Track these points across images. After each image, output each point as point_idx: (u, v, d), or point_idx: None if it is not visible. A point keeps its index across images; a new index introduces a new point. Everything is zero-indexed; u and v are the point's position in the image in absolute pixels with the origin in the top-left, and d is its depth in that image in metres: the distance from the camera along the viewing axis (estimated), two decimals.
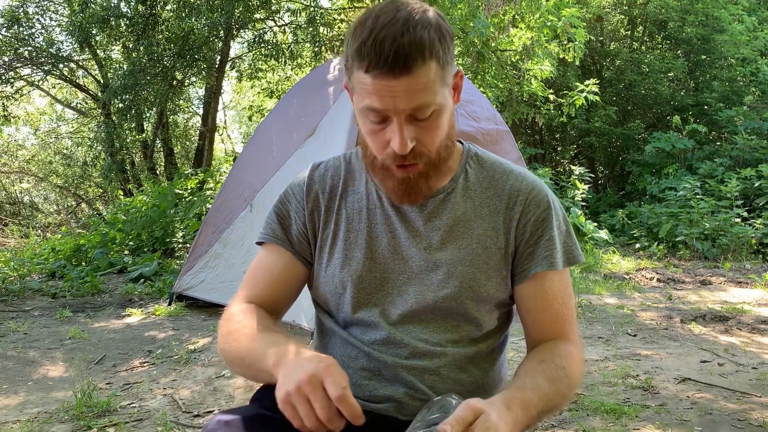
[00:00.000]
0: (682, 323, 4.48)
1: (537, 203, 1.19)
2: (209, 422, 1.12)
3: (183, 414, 2.93)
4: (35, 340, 4.30)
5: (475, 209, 1.19)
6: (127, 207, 8.66)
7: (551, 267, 1.17)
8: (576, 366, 1.16)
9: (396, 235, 1.19)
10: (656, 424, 2.64)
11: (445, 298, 1.16)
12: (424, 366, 1.14)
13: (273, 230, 1.25)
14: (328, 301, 1.23)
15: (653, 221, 8.76)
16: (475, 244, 1.17)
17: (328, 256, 1.21)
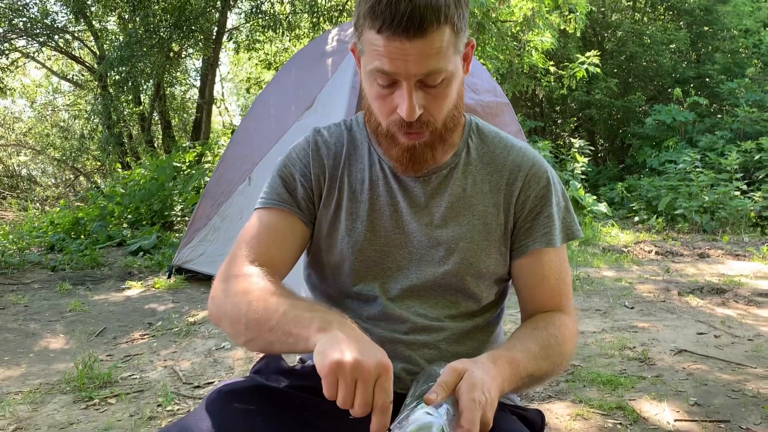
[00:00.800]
0: (679, 296, 4.50)
1: (537, 179, 1.19)
2: (209, 393, 1.12)
3: (183, 385, 2.95)
4: (36, 313, 4.33)
5: (476, 185, 1.18)
6: (125, 180, 8.65)
7: (549, 244, 1.17)
8: (569, 336, 1.16)
9: (398, 209, 1.17)
10: (652, 395, 2.67)
11: (445, 275, 1.15)
12: (423, 341, 1.14)
13: (279, 194, 1.19)
14: (325, 271, 1.21)
15: (652, 194, 8.76)
16: (476, 220, 1.17)
17: (329, 225, 1.19)
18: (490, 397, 0.97)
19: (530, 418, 1.17)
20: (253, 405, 1.07)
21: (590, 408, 2.55)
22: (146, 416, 2.58)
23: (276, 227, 1.17)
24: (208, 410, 1.05)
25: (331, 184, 1.20)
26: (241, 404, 1.07)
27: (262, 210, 1.19)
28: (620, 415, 2.50)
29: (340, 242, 1.18)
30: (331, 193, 1.20)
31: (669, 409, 2.53)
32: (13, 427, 2.51)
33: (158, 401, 2.74)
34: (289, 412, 1.06)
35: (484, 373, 0.99)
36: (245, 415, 1.05)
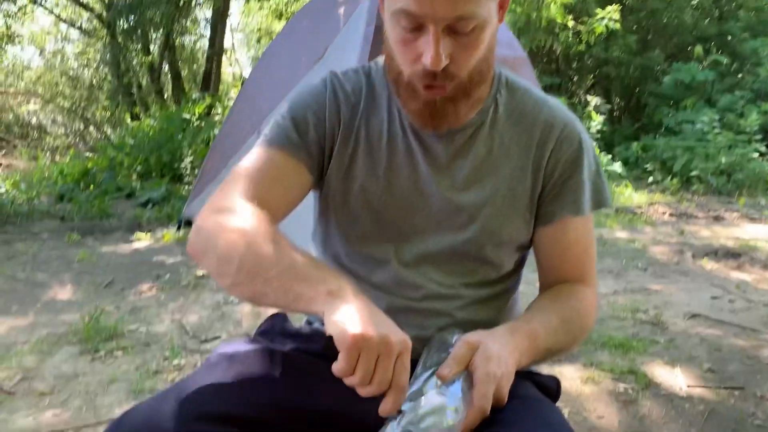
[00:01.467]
0: (693, 258, 4.43)
1: (570, 141, 1.09)
2: (211, 355, 1.07)
3: (190, 339, 2.94)
4: (44, 263, 4.32)
5: (503, 146, 1.09)
6: (134, 131, 8.57)
7: (577, 213, 1.09)
8: (590, 310, 1.10)
9: (417, 169, 1.08)
10: (665, 360, 2.63)
11: (465, 243, 1.07)
12: (437, 309, 1.08)
13: (288, 135, 1.06)
14: (334, 228, 1.13)
15: (668, 155, 8.59)
16: (501, 185, 1.08)
17: (341, 180, 1.09)
18: (507, 371, 0.91)
19: (545, 384, 1.12)
20: (256, 369, 1.02)
21: (601, 372, 2.51)
22: (152, 370, 2.57)
23: (281, 167, 1.05)
24: (209, 374, 1.00)
25: (347, 135, 1.09)
26: (244, 367, 1.02)
27: (267, 147, 1.06)
28: (632, 379, 2.46)
29: (353, 200, 1.09)
30: (346, 144, 1.09)
31: (682, 375, 2.49)
32: (19, 377, 2.51)
33: (164, 355, 2.73)
34: (294, 378, 1.01)
35: (501, 345, 0.93)
36: (248, 380, 0.99)
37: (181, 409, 0.91)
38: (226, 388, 0.96)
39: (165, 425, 0.88)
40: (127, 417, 0.92)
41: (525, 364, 0.99)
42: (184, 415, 0.90)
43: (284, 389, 0.99)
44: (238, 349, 1.06)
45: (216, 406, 0.92)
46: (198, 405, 0.92)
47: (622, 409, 2.24)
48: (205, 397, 0.94)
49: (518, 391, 0.95)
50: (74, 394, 2.37)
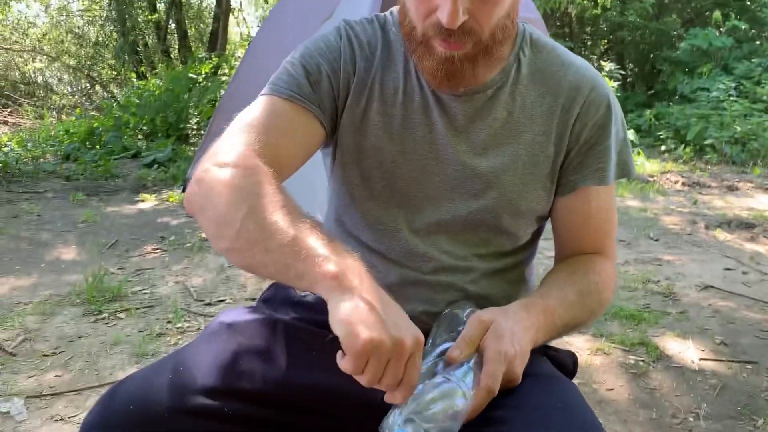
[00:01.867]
0: (706, 229, 4.35)
1: (597, 105, 1.00)
2: (211, 323, 1.02)
3: (194, 302, 2.90)
4: (48, 223, 4.28)
5: (525, 109, 1.00)
6: (140, 90, 8.47)
7: (601, 182, 1.01)
8: (609, 283, 1.03)
9: (434, 130, 0.99)
10: (676, 332, 2.57)
11: (480, 211, 1.00)
12: (448, 282, 1.01)
13: (299, 86, 0.96)
14: (342, 189, 1.05)
15: (682, 123, 8.42)
16: (522, 151, 0.99)
17: (353, 137, 1.01)
18: (520, 350, 0.85)
19: (561, 360, 1.06)
20: (258, 339, 0.97)
21: (611, 343, 2.47)
22: (155, 332, 2.54)
23: (290, 119, 0.95)
24: (209, 343, 0.96)
25: (360, 89, 1.00)
26: (245, 338, 0.96)
27: (275, 97, 0.96)
28: (643, 351, 2.41)
29: (365, 159, 1.01)
30: (359, 99, 1.00)
31: (694, 347, 2.44)
32: (21, 338, 2.49)
33: (168, 317, 2.70)
34: (296, 351, 0.95)
35: (515, 323, 0.87)
36: (248, 350, 0.94)
37: (176, 382, 0.86)
38: (224, 360, 0.91)
39: (159, 399, 0.84)
40: (120, 388, 0.87)
41: (541, 342, 0.93)
42: (180, 388, 0.86)
43: (286, 363, 0.94)
44: (238, 318, 1.01)
45: (213, 380, 0.88)
46: (194, 378, 0.87)
47: (632, 381, 2.20)
48: (202, 370, 0.89)
49: (533, 369, 0.90)
50: (76, 356, 2.34)
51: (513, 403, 0.84)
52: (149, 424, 0.82)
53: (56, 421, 1.92)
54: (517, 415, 0.82)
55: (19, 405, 1.99)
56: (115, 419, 0.82)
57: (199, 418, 0.84)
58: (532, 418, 0.81)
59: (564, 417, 0.81)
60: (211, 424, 0.85)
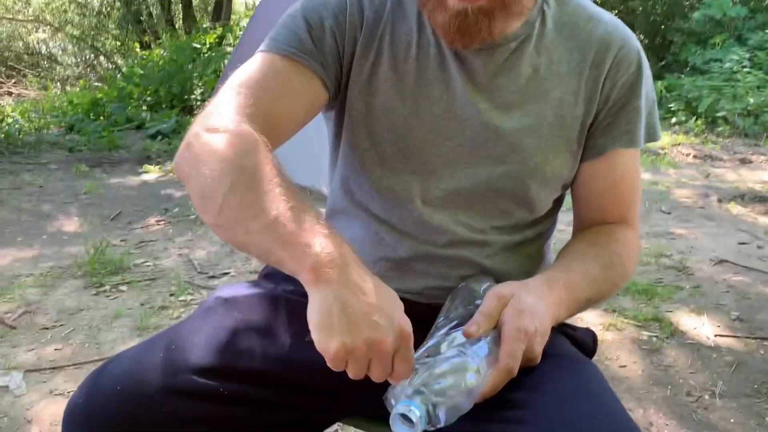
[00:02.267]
0: (719, 202, 4.26)
1: (628, 63, 0.92)
2: (207, 299, 0.96)
3: (198, 275, 2.86)
4: (51, 194, 4.23)
5: (553, 65, 0.92)
6: (144, 61, 8.36)
7: (631, 144, 0.93)
8: (632, 255, 0.97)
9: (451, 87, 0.91)
10: (690, 307, 2.51)
11: (501, 177, 0.91)
12: (463, 257, 0.93)
13: (301, 41, 0.88)
14: (350, 155, 0.97)
15: (693, 95, 8.27)
16: (549, 110, 0.91)
17: (361, 96, 0.93)
18: (541, 327, 0.79)
19: (581, 339, 1.00)
20: (256, 315, 0.91)
21: (624, 318, 2.40)
22: (158, 305, 2.49)
23: (289, 78, 0.87)
24: (205, 320, 0.90)
25: (369, 42, 0.92)
26: (243, 313, 0.90)
27: (273, 53, 0.88)
28: (656, 327, 2.35)
29: (374, 121, 0.92)
30: (367, 54, 0.92)
31: (709, 323, 2.38)
32: (21, 311, 2.45)
33: (171, 290, 2.65)
34: (296, 325, 0.89)
35: (536, 298, 0.80)
36: (246, 327, 0.88)
37: (168, 360, 0.80)
38: (220, 337, 0.85)
39: (149, 379, 0.78)
40: (108, 368, 0.81)
41: (563, 319, 0.87)
42: (172, 367, 0.80)
43: (286, 340, 0.88)
44: (236, 293, 0.95)
45: (208, 358, 0.82)
46: (188, 357, 0.81)
47: (646, 357, 2.14)
48: (196, 348, 0.83)
49: (552, 349, 0.84)
50: (77, 330, 2.30)
51: (532, 385, 0.78)
52: (138, 406, 0.76)
53: (56, 395, 1.88)
54: (537, 398, 0.76)
55: (18, 379, 1.96)
56: (101, 401, 0.76)
57: (192, 399, 0.79)
58: (553, 402, 0.75)
59: (586, 401, 0.75)
60: (205, 406, 0.79)
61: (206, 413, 0.79)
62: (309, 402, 0.87)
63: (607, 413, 0.73)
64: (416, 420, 0.65)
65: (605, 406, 0.75)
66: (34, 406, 1.83)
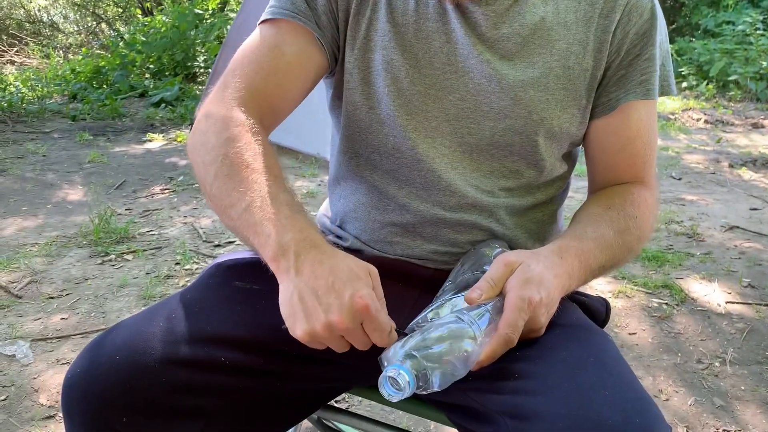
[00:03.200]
0: (730, 168, 4.20)
1: (640, 12, 0.88)
2: (208, 267, 0.94)
3: (203, 243, 2.84)
4: (54, 163, 4.20)
5: (559, 14, 0.88)
6: (146, 28, 8.25)
7: (646, 95, 0.89)
8: (649, 216, 0.92)
9: (452, 39, 0.87)
10: (701, 274, 2.48)
11: (507, 131, 0.88)
12: (472, 221, 0.90)
13: (293, 3, 0.88)
14: (351, 118, 0.94)
15: (705, 58, 8.12)
16: (555, 62, 0.87)
17: (359, 53, 0.90)
18: (548, 298, 0.75)
19: (592, 306, 0.96)
20: (256, 283, 0.87)
21: (634, 285, 2.38)
22: (163, 274, 2.48)
23: (283, 49, 0.87)
24: (204, 287, 0.87)
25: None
26: (241, 282, 0.88)
27: (268, 24, 0.89)
28: (666, 294, 2.32)
29: (374, 77, 0.89)
30: (363, 10, 0.89)
31: (719, 290, 2.35)
32: (27, 280, 2.44)
33: (176, 259, 2.64)
34: None
35: (545, 268, 0.77)
36: (244, 295, 0.86)
37: (168, 330, 0.78)
38: (220, 306, 0.83)
39: (149, 348, 0.75)
40: (107, 338, 0.78)
41: (573, 288, 0.83)
42: (173, 336, 0.77)
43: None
44: (237, 262, 0.93)
45: (209, 326, 0.79)
46: (188, 325, 0.79)
47: (656, 325, 2.12)
48: (197, 317, 0.80)
49: (562, 319, 0.81)
50: (82, 299, 2.29)
51: (539, 355, 0.75)
52: (137, 376, 0.73)
53: (62, 364, 1.87)
54: (544, 369, 0.73)
55: (25, 348, 1.95)
56: (101, 371, 0.74)
57: (193, 369, 0.76)
58: (563, 372, 0.72)
59: (597, 371, 0.72)
60: (206, 375, 0.77)
61: (207, 382, 0.77)
62: (311, 370, 0.85)
63: (618, 383, 0.70)
64: (404, 384, 0.63)
65: (616, 377, 0.72)
66: (40, 375, 1.82)
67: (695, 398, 1.73)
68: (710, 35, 9.17)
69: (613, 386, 0.70)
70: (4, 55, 10.83)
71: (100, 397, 0.73)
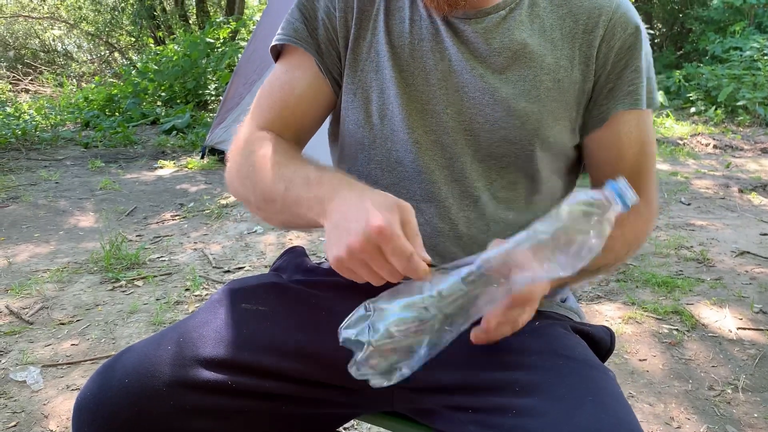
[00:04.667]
0: (740, 193, 4.19)
1: (623, 26, 0.92)
2: (216, 292, 0.95)
3: (213, 269, 2.85)
4: (66, 190, 4.25)
5: (546, 33, 0.92)
6: (158, 56, 8.38)
7: (634, 105, 0.92)
8: (640, 223, 0.95)
9: (446, 56, 0.92)
10: (712, 300, 2.46)
11: (502, 142, 0.91)
12: (472, 235, 0.92)
13: (296, 30, 0.95)
14: (349, 137, 0.98)
15: (713, 84, 8.15)
16: (545, 76, 0.91)
17: (360, 75, 0.95)
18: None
19: (597, 336, 0.95)
20: (263, 305, 0.89)
21: (644, 311, 2.36)
22: (173, 300, 2.49)
23: (291, 82, 0.96)
24: (212, 312, 0.88)
25: (363, 23, 0.95)
26: (249, 304, 0.88)
27: (280, 62, 0.99)
28: (677, 320, 2.31)
29: (374, 97, 0.94)
30: (364, 35, 0.95)
31: (731, 316, 2.33)
32: (38, 306, 2.45)
33: (186, 285, 2.65)
34: (302, 315, 0.88)
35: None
36: (251, 317, 0.86)
37: (177, 354, 0.79)
38: (229, 329, 0.84)
39: (158, 372, 0.76)
40: (117, 362, 0.79)
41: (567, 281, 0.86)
42: (181, 360, 0.78)
43: (293, 332, 0.86)
44: (245, 284, 0.93)
45: (217, 350, 0.80)
46: (197, 349, 0.80)
47: (666, 351, 2.10)
48: (205, 340, 0.81)
49: (565, 350, 0.81)
50: (93, 325, 2.30)
51: (539, 390, 0.74)
52: (147, 399, 0.74)
53: (72, 390, 1.88)
54: (543, 407, 0.72)
55: (35, 374, 1.96)
56: (110, 394, 0.75)
57: (201, 392, 0.77)
58: (559, 410, 0.71)
59: (594, 411, 0.71)
60: (215, 399, 0.78)
61: (215, 406, 0.78)
62: (320, 395, 0.85)
63: (615, 425, 0.70)
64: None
65: (613, 417, 0.71)
66: (50, 401, 1.83)
67: (707, 426, 1.71)
68: (718, 61, 9.20)
69: (610, 428, 0.69)
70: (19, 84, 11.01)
71: (110, 420, 0.74)
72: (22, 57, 13.29)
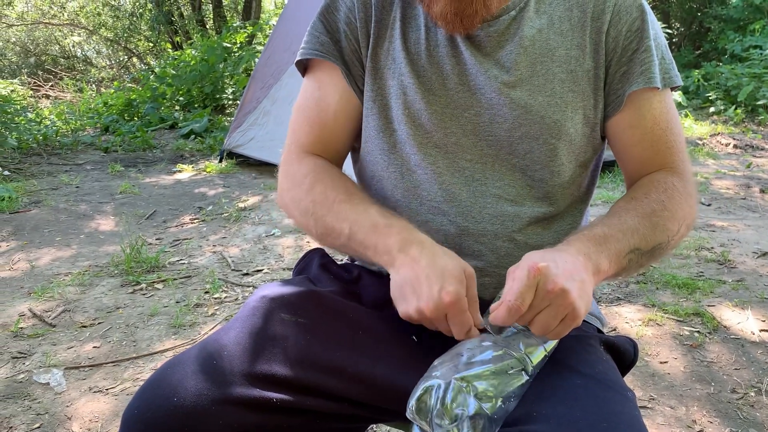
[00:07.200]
0: (761, 193, 4.14)
1: (628, 9, 0.93)
2: (251, 297, 0.92)
3: (232, 272, 2.87)
4: (87, 194, 4.30)
5: (554, 25, 0.94)
6: (176, 61, 8.45)
7: (649, 83, 0.92)
8: (679, 197, 0.91)
9: (462, 61, 0.94)
10: (734, 302, 2.43)
11: (524, 138, 0.92)
12: (494, 231, 0.93)
13: (321, 43, 0.98)
14: (369, 143, 1.00)
15: (733, 83, 8.06)
16: (558, 68, 0.92)
17: (379, 81, 0.97)
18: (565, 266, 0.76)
19: (621, 347, 0.93)
20: (303, 317, 0.86)
21: (664, 313, 2.34)
22: (193, 303, 2.51)
23: (324, 99, 0.99)
24: (250, 321, 0.85)
25: (381, 31, 0.98)
26: (288, 314, 0.86)
27: (308, 77, 1.03)
28: (698, 322, 2.29)
29: (392, 102, 0.96)
30: (382, 42, 0.98)
31: (753, 318, 2.30)
32: (61, 309, 2.48)
33: (205, 288, 2.67)
34: (341, 330, 0.86)
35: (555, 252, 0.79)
36: (292, 329, 0.84)
37: (222, 368, 0.77)
38: (267, 341, 0.82)
39: (209, 387, 0.75)
40: (167, 376, 0.77)
41: (607, 268, 0.82)
42: (227, 376, 0.77)
43: (333, 342, 0.84)
44: (282, 293, 0.89)
45: (259, 366, 0.79)
46: (240, 364, 0.79)
47: (688, 354, 2.08)
48: (248, 354, 0.80)
49: (586, 367, 0.80)
50: (114, 327, 2.33)
51: (554, 414, 0.72)
52: (195, 419, 0.74)
53: (94, 392, 1.90)
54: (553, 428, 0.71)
55: (59, 376, 1.99)
56: (160, 414, 0.74)
57: (246, 409, 0.76)
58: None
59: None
60: (258, 416, 0.77)
61: (258, 422, 0.77)
62: (355, 411, 0.84)
63: None
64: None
65: None
66: (73, 403, 1.85)
67: (730, 429, 1.69)
68: (737, 60, 9.11)
69: None
70: (40, 90, 11.16)
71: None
72: (42, 63, 13.47)
